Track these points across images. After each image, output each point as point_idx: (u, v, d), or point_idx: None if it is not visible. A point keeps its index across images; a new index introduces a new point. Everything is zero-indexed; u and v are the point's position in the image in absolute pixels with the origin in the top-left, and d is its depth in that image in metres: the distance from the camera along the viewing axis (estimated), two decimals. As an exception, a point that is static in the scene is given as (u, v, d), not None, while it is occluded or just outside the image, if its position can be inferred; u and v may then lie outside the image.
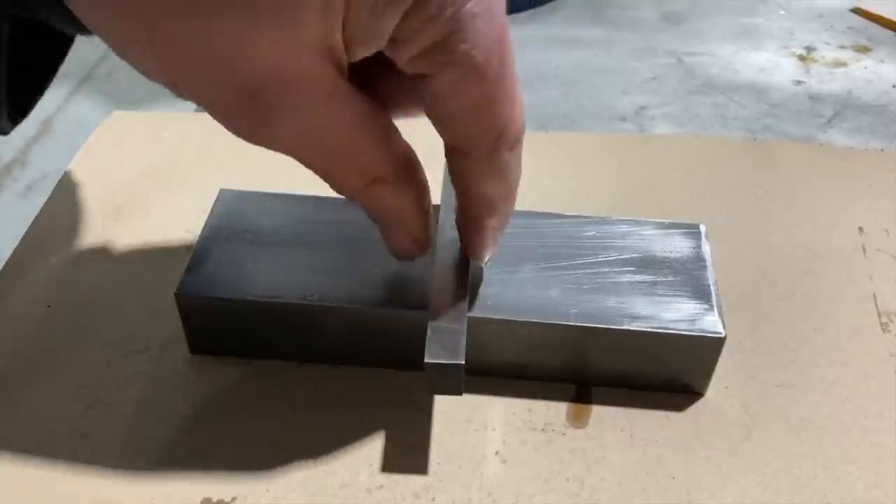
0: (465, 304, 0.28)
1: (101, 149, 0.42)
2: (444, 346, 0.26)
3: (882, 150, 0.43)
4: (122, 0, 0.20)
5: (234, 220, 0.32)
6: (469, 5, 0.21)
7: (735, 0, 0.61)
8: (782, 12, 0.59)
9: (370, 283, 0.30)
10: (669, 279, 0.30)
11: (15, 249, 0.36)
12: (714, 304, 0.30)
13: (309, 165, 0.24)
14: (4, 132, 0.25)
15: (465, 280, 0.29)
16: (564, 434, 0.29)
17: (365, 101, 0.23)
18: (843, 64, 0.53)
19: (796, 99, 0.50)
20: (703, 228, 0.33)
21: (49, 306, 0.34)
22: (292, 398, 0.30)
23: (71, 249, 0.36)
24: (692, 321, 0.29)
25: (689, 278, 0.30)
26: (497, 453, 0.29)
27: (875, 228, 0.38)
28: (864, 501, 0.28)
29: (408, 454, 0.29)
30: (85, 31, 0.23)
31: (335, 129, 0.23)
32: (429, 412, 0.30)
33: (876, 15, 0.58)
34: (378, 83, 0.25)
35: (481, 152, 0.24)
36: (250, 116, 0.22)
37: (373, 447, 0.29)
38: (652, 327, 0.29)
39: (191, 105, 0.52)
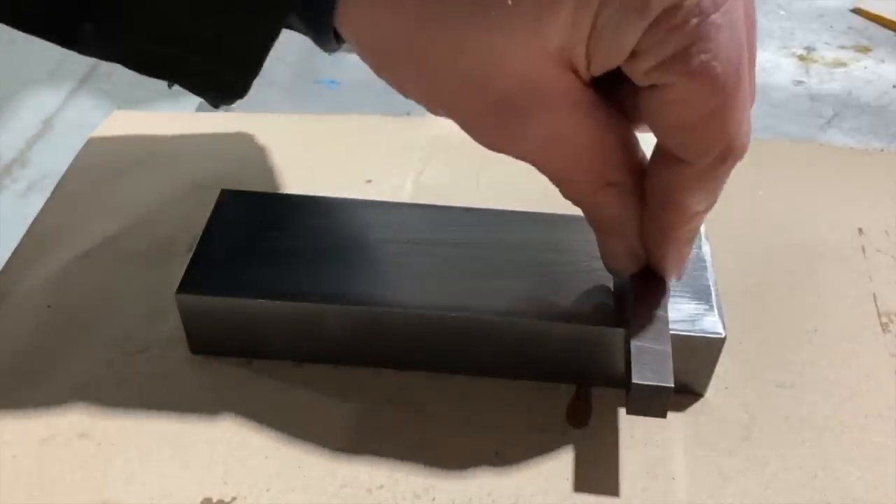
0: (665, 324, 0.27)
1: (101, 148, 0.42)
2: (651, 367, 0.26)
3: (882, 150, 0.43)
4: (384, 23, 0.22)
5: (234, 220, 0.32)
6: (714, 16, 0.21)
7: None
8: (782, 12, 0.59)
9: (370, 283, 0.30)
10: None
11: (15, 249, 0.36)
12: (714, 304, 0.30)
13: (546, 171, 0.25)
14: (215, 105, 0.27)
15: (661, 297, 0.28)
16: (564, 434, 0.29)
17: (608, 110, 0.24)
18: (843, 64, 0.54)
19: (796, 99, 0.50)
20: (702, 229, 0.33)
21: (49, 306, 0.34)
22: (292, 398, 0.30)
23: (71, 249, 0.36)
24: (692, 321, 0.29)
25: (689, 278, 0.30)
26: (497, 453, 0.29)
27: (875, 229, 0.38)
28: (864, 501, 0.28)
29: (408, 454, 0.29)
30: (336, 47, 0.25)
31: (579, 137, 0.24)
32: (429, 412, 0.30)
33: (876, 15, 0.58)
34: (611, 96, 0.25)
35: (702, 165, 0.24)
36: (499, 127, 0.24)
37: (373, 447, 0.29)
38: (652, 327, 0.29)
39: (191, 105, 0.52)
